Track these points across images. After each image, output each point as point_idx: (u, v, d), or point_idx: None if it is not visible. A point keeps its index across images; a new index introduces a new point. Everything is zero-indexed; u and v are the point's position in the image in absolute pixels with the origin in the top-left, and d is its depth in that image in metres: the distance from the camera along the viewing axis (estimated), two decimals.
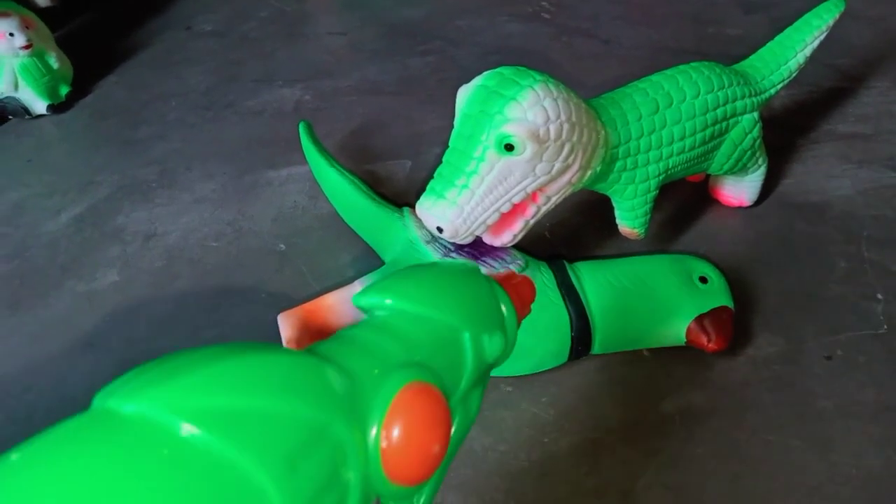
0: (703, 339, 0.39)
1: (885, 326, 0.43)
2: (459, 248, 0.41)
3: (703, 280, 0.41)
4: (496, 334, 0.22)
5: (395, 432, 0.16)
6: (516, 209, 0.38)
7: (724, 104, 0.44)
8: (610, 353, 0.41)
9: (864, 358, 0.41)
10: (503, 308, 0.23)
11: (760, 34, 0.68)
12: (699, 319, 0.40)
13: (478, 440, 0.38)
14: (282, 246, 0.51)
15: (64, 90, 0.66)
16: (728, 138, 0.45)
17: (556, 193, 0.39)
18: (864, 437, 0.37)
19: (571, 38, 0.71)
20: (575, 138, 0.37)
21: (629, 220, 0.44)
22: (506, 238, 0.39)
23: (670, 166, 0.43)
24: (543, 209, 0.39)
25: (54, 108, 0.65)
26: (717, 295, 0.41)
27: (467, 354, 0.20)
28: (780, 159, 0.55)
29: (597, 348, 0.40)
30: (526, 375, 0.41)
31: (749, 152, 0.47)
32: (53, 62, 0.65)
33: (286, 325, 0.38)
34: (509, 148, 0.35)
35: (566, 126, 0.36)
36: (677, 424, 0.38)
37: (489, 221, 0.37)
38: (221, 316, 0.46)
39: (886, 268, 0.46)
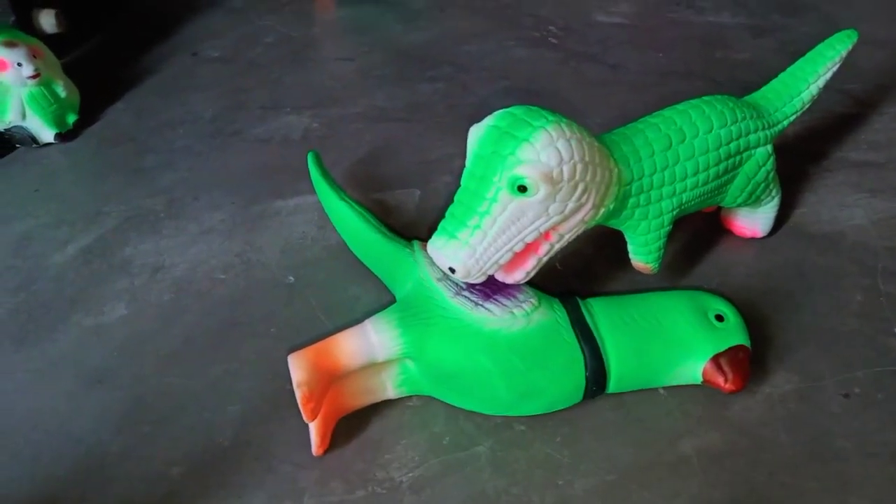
0: (720, 380, 0.39)
1: None
2: (471, 286, 0.40)
3: (719, 318, 0.40)
4: None
5: None
6: (529, 248, 0.38)
7: (738, 138, 0.44)
8: (626, 393, 0.41)
9: (882, 395, 0.41)
10: None
11: (769, 58, 0.68)
12: (715, 359, 0.39)
13: (490, 482, 0.38)
14: (291, 278, 0.51)
15: (71, 118, 0.66)
16: (741, 171, 0.45)
17: (568, 231, 0.38)
18: (884, 479, 0.37)
19: (579, 64, 0.71)
20: (588, 178, 0.37)
21: (643, 255, 0.44)
22: (518, 276, 0.39)
23: (684, 201, 0.43)
24: (556, 247, 0.39)
25: (62, 137, 0.65)
26: (734, 333, 0.40)
27: None
28: (792, 188, 0.54)
29: (611, 388, 0.39)
30: (540, 415, 0.40)
31: (763, 185, 0.46)
32: (61, 91, 0.64)
33: (297, 367, 0.37)
34: (522, 189, 0.35)
35: (579, 166, 0.36)
36: (694, 466, 0.38)
37: (502, 261, 0.37)
38: (230, 351, 0.46)
39: None
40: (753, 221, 0.50)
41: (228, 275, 0.52)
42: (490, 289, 0.40)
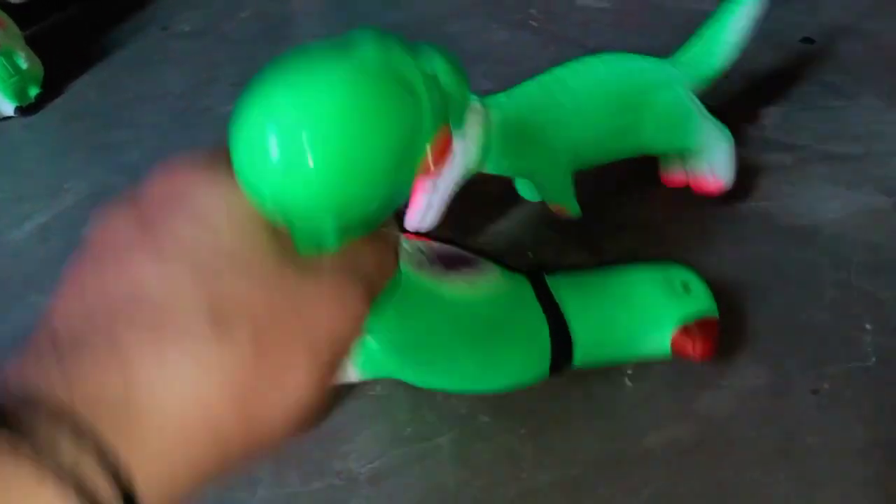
0: (689, 348, 0.38)
1: (874, 359, 0.41)
2: (435, 261, 0.39)
3: (686, 288, 0.40)
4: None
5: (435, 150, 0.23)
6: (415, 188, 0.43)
7: (630, 82, 0.47)
8: (592, 384, 0.40)
9: (851, 392, 0.40)
10: None
11: (751, 50, 0.67)
12: (683, 328, 0.39)
13: (452, 475, 0.37)
14: None
15: (33, 91, 0.64)
16: (649, 115, 0.47)
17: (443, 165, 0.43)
18: (852, 477, 0.36)
19: (559, 48, 0.70)
20: None
21: (557, 198, 0.47)
22: (415, 217, 0.43)
23: (577, 141, 0.46)
24: (441, 187, 0.43)
25: (23, 111, 0.63)
26: (701, 301, 0.40)
27: None
28: (768, 179, 0.54)
29: (577, 359, 0.39)
30: (504, 405, 0.39)
31: (681, 125, 0.48)
32: (22, 62, 0.62)
33: None
34: None
35: None
36: (660, 460, 0.37)
37: None
38: None
39: (875, 297, 0.45)
40: (710, 168, 0.50)
41: None
42: (455, 262, 0.39)
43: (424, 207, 0.43)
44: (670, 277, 0.41)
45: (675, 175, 0.52)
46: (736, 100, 0.61)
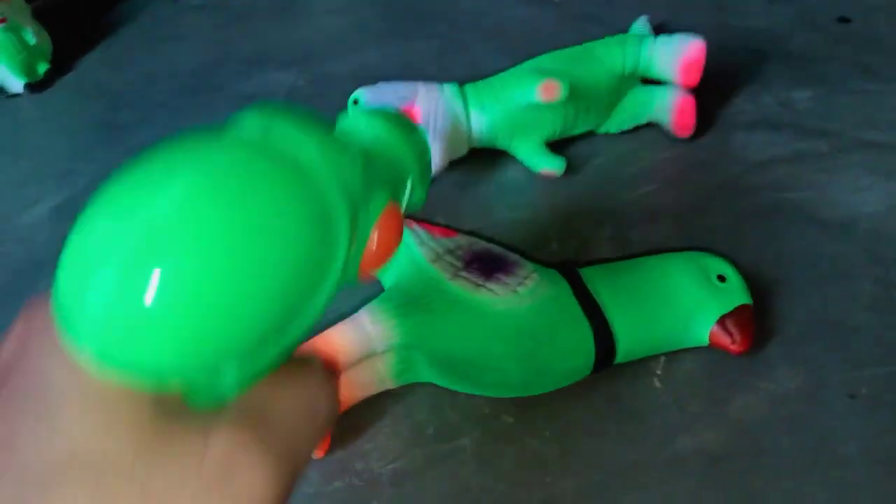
0: (728, 341, 0.38)
1: None
2: (469, 265, 0.38)
3: (721, 278, 0.39)
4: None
5: (377, 239, 0.18)
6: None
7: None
8: (619, 384, 0.39)
9: (890, 397, 0.38)
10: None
11: (784, 28, 0.64)
12: (721, 321, 0.38)
13: (474, 477, 0.36)
14: None
15: (42, 67, 0.62)
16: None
17: (434, 113, 0.48)
18: (890, 487, 0.35)
19: (580, 24, 0.67)
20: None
21: (540, 162, 0.50)
22: None
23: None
24: (436, 122, 0.47)
25: (32, 87, 0.61)
26: (737, 293, 0.39)
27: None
28: (803, 168, 0.52)
29: (619, 358, 0.38)
30: (528, 405, 0.38)
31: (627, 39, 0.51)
32: (30, 37, 0.60)
33: None
34: (356, 102, 0.49)
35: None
36: (690, 467, 0.36)
37: None
38: None
39: None
40: (683, 46, 0.50)
41: None
42: (490, 266, 0.38)
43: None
44: (706, 268, 0.40)
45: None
46: (769, 82, 0.59)
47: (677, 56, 0.50)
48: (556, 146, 0.52)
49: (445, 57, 0.64)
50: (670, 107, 0.52)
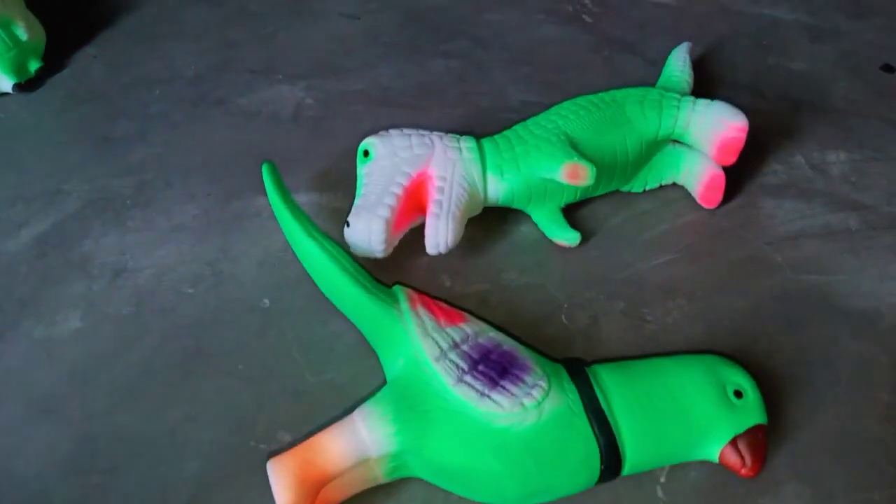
0: (738, 464, 0.36)
1: None
2: (475, 366, 0.36)
3: (737, 394, 0.37)
4: None
5: None
6: (417, 192, 0.45)
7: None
8: (622, 493, 0.37)
9: None
10: None
11: (825, 71, 0.61)
12: (734, 441, 0.36)
13: None
14: (266, 301, 0.46)
15: (34, 65, 0.58)
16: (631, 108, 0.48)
17: (448, 174, 0.45)
18: None
19: (613, 54, 0.63)
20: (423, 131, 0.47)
21: (555, 231, 0.48)
22: (431, 242, 0.44)
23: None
24: (447, 206, 0.44)
25: (21, 87, 0.57)
26: (753, 412, 0.37)
27: None
28: (830, 246, 0.49)
29: (625, 472, 0.36)
30: None
31: (662, 101, 0.48)
32: (21, 33, 0.56)
33: (281, 486, 0.33)
34: (366, 154, 0.46)
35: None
36: None
37: (390, 202, 0.43)
38: (191, 389, 0.42)
39: None
40: (722, 120, 0.46)
41: (197, 289, 0.46)
42: (496, 372, 0.35)
43: (436, 228, 0.44)
44: (723, 380, 0.37)
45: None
46: (802, 139, 0.56)
47: (716, 133, 0.47)
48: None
49: (465, 81, 0.60)
50: (699, 178, 0.49)
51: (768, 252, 0.49)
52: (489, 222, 0.49)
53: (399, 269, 0.47)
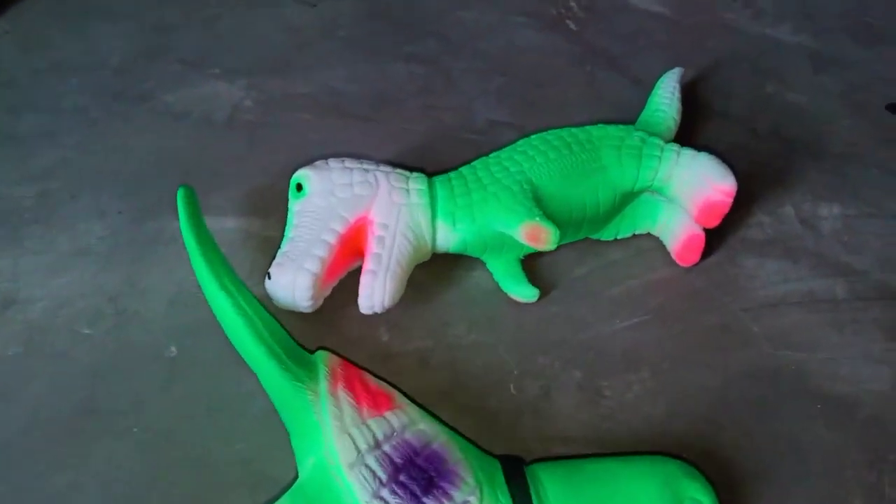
0: None
1: None
2: (397, 475, 0.30)
3: None
4: None
5: None
6: (354, 240, 0.39)
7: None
8: None
9: None
10: None
11: (826, 106, 0.55)
12: None
13: None
14: (173, 349, 0.40)
15: None
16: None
17: (389, 219, 0.39)
18: None
19: (596, 69, 0.57)
20: (369, 166, 0.41)
21: (513, 287, 0.43)
22: (365, 300, 0.38)
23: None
24: (387, 261, 0.38)
25: None
26: None
27: None
28: (813, 318, 0.44)
29: None
30: None
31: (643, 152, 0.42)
32: None
33: None
34: (300, 188, 0.40)
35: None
36: None
37: (320, 253, 0.38)
38: (79, 452, 0.36)
39: None
40: (708, 180, 0.41)
41: (96, 329, 0.41)
42: (419, 486, 0.30)
43: (371, 287, 0.38)
44: (680, 496, 0.33)
45: None
46: (793, 186, 0.51)
47: (700, 193, 0.41)
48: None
49: (429, 92, 0.54)
50: (675, 235, 0.44)
51: (745, 320, 0.44)
52: (438, 266, 0.44)
53: (330, 317, 0.41)
